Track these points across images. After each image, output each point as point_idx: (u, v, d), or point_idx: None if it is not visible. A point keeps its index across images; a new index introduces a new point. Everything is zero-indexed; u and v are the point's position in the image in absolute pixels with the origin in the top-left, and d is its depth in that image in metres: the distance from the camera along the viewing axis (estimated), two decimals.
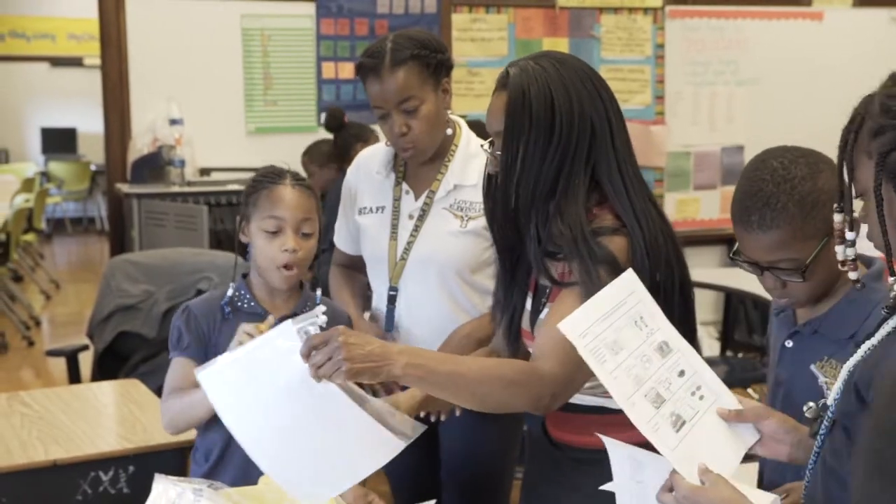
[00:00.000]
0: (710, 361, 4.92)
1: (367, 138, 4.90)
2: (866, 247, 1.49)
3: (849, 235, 1.49)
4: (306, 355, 1.71)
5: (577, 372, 1.78)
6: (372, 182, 2.64)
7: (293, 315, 2.35)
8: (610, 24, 6.61)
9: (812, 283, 1.76)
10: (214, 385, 1.85)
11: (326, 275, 2.84)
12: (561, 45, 6.49)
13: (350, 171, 2.74)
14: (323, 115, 5.57)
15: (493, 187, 2.02)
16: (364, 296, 2.76)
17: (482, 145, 2.06)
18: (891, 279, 1.41)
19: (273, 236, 2.31)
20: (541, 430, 2.19)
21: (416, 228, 2.54)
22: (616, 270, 1.79)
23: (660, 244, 1.91)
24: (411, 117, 2.43)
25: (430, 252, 2.50)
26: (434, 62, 2.44)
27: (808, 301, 1.82)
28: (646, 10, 6.68)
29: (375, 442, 1.80)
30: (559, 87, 1.91)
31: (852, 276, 1.50)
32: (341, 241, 2.76)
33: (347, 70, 6.15)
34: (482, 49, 6.33)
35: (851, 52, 7.01)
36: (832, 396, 1.49)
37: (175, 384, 2.35)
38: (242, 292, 2.39)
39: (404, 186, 2.60)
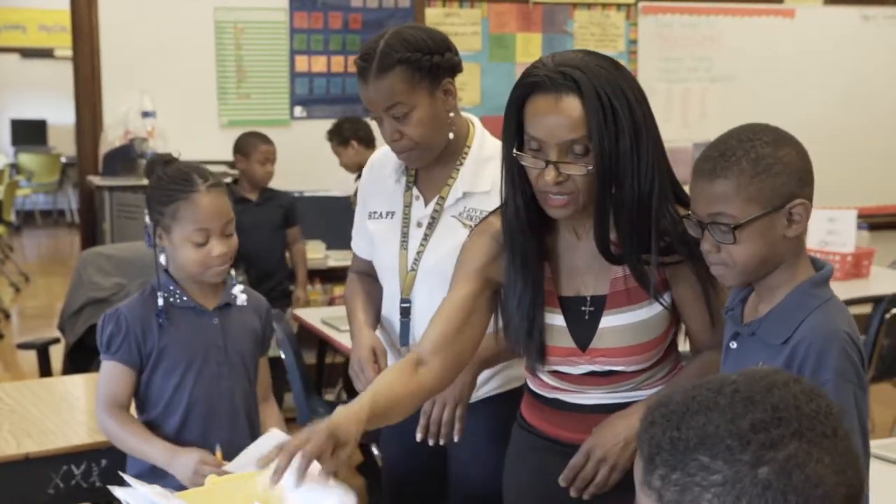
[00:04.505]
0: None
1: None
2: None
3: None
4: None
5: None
6: (384, 185, 2.49)
7: (225, 306, 2.47)
8: (583, 20, 6.63)
9: (744, 253, 1.71)
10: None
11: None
12: (534, 40, 6.51)
13: (364, 171, 2.60)
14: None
15: (517, 198, 1.96)
16: (379, 307, 2.56)
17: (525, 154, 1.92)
18: None
19: (201, 246, 2.35)
20: (526, 430, 2.17)
21: (426, 238, 2.40)
22: None
23: None
24: (402, 123, 2.29)
25: (438, 263, 2.30)
26: (427, 65, 2.27)
27: (739, 276, 1.76)
28: (619, 6, 6.70)
29: None
30: (628, 87, 1.90)
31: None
32: (359, 247, 2.60)
33: (321, 63, 6.14)
34: (455, 43, 6.31)
35: (823, 50, 7.07)
36: None
37: (111, 392, 2.40)
38: (172, 289, 2.41)
39: (415, 191, 2.45)
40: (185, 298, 2.41)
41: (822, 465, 0.99)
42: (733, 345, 1.82)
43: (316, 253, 5.61)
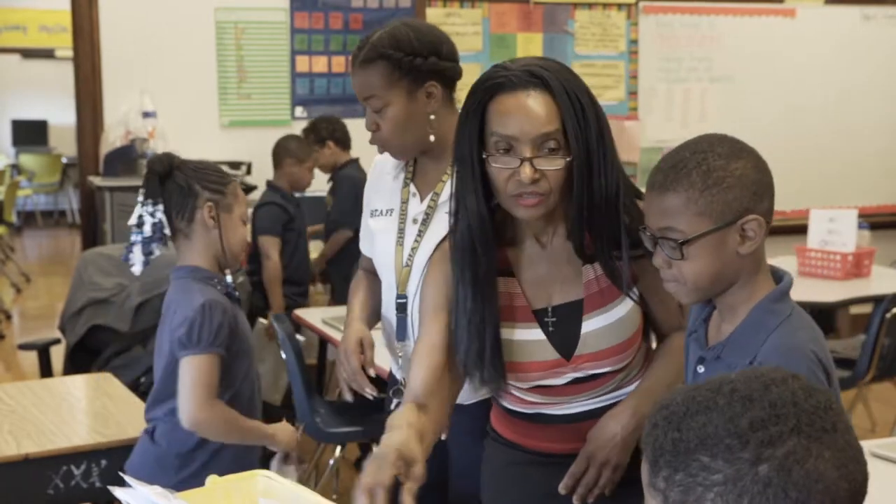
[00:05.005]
0: None
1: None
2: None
3: None
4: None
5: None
6: (385, 182, 2.53)
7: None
8: (584, 20, 6.63)
9: (694, 270, 1.66)
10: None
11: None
12: (535, 40, 6.51)
13: (370, 171, 2.64)
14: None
15: (469, 204, 1.94)
16: (379, 302, 2.58)
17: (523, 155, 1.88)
18: None
19: (245, 224, 2.62)
20: (502, 444, 2.15)
21: (420, 233, 2.42)
22: None
23: None
24: (379, 116, 2.35)
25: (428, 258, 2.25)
26: (407, 65, 2.31)
27: (691, 293, 1.70)
28: (620, 6, 6.70)
29: None
30: (587, 89, 1.92)
31: None
32: (363, 245, 2.63)
33: (321, 64, 6.14)
34: (456, 43, 6.30)
35: (823, 50, 7.06)
36: None
37: (212, 385, 2.44)
38: (226, 281, 2.58)
39: (412, 188, 2.47)
40: (236, 292, 2.60)
41: (822, 461, 0.99)
42: (700, 369, 1.75)
43: (316, 253, 5.62)
